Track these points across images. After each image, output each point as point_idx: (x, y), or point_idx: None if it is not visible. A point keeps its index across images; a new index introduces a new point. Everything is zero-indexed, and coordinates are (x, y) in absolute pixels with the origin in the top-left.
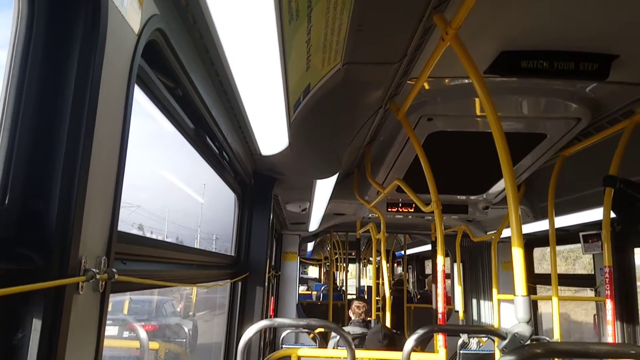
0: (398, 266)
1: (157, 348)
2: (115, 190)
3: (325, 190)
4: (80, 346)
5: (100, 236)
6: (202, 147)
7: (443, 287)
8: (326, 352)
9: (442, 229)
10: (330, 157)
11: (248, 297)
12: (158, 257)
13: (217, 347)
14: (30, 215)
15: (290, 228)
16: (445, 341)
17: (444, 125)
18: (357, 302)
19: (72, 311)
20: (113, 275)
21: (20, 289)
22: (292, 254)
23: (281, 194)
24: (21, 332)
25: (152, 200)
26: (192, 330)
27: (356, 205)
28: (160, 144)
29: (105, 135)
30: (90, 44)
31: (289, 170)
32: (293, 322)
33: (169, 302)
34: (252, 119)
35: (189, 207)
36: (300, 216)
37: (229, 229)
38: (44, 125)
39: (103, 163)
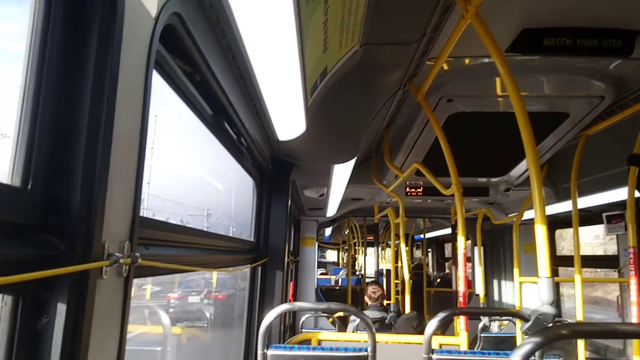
0: (417, 250)
1: (179, 333)
2: (136, 175)
3: (343, 175)
4: (104, 331)
5: (123, 221)
6: (220, 132)
7: (464, 270)
8: (346, 335)
9: (462, 212)
10: (348, 141)
11: (268, 282)
12: (179, 242)
13: (238, 332)
14: (53, 201)
15: (308, 214)
16: (467, 324)
17: (464, 106)
18: (372, 287)
19: (96, 296)
20: (136, 259)
21: (44, 274)
22: (310, 240)
23: (299, 180)
24: (46, 317)
25: (172, 188)
26: (213, 314)
27: (374, 190)
28: (178, 131)
29: (125, 121)
30: (108, 29)
31: (307, 155)
32: (313, 305)
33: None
34: (269, 104)
35: (207, 193)
36: (318, 202)
37: (248, 215)
38: (64, 111)
39: (124, 148)
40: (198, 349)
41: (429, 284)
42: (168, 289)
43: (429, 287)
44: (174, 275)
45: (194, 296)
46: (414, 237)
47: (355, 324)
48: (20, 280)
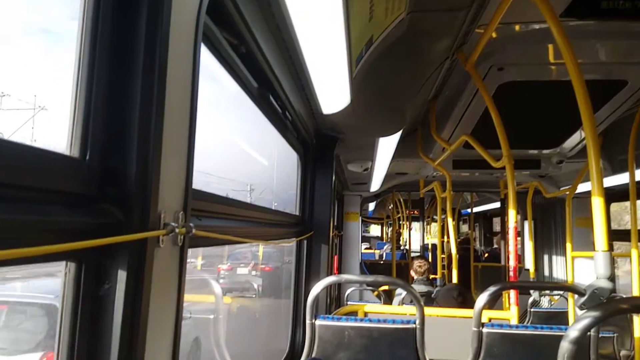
0: (464, 224)
1: (230, 302)
2: (188, 147)
3: (387, 148)
4: (162, 298)
5: (177, 192)
6: (265, 106)
7: (515, 244)
8: (392, 308)
9: (514, 185)
10: (394, 113)
11: (313, 255)
12: (229, 214)
13: (285, 302)
14: (110, 172)
15: (351, 189)
16: (517, 299)
17: (516, 75)
18: (418, 261)
19: (154, 264)
20: (190, 229)
21: (105, 242)
22: (354, 214)
23: (343, 154)
24: (107, 283)
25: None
26: (260, 286)
27: (419, 164)
28: (221, 105)
29: (176, 94)
30: (158, 2)
31: (351, 128)
32: (359, 278)
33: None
34: (314, 76)
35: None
36: (362, 176)
37: (290, 190)
38: (117, 86)
39: (175, 120)
40: (247, 318)
41: (476, 259)
42: (217, 261)
43: (476, 262)
44: (223, 247)
45: (242, 268)
46: (461, 211)
47: (401, 297)
48: (82, 247)
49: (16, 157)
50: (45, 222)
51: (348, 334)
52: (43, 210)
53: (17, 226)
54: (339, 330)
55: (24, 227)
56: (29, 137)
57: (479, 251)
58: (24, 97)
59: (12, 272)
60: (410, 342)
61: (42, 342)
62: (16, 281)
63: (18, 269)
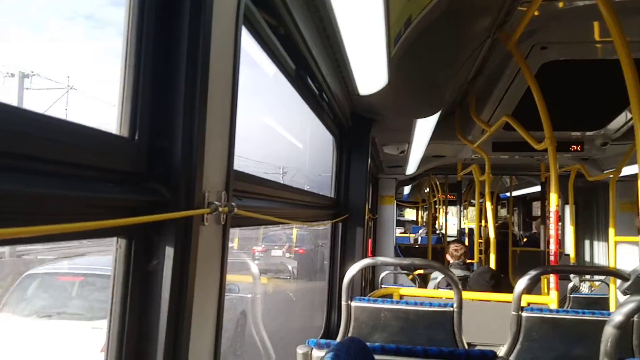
0: (502, 208)
1: (266, 283)
2: (229, 128)
3: (425, 130)
4: (206, 275)
5: (219, 172)
6: (303, 88)
7: (556, 229)
8: (428, 292)
9: (556, 168)
10: (432, 94)
11: (348, 238)
12: (268, 195)
13: (318, 284)
14: (158, 152)
15: (386, 172)
16: (557, 283)
17: (559, 54)
18: (455, 245)
19: (199, 241)
20: (233, 208)
21: (154, 218)
22: (389, 198)
23: (379, 136)
24: (155, 259)
25: (248, 145)
26: (295, 267)
27: (458, 146)
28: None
29: (218, 75)
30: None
31: (388, 109)
32: (396, 260)
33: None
34: (351, 56)
35: (282, 151)
36: (398, 159)
37: (322, 173)
38: (163, 67)
39: (218, 102)
40: (283, 298)
41: (515, 244)
42: (252, 244)
43: (514, 247)
44: (258, 230)
45: (276, 250)
46: (499, 195)
47: (437, 281)
48: (132, 223)
49: (73, 136)
50: (98, 199)
51: (384, 315)
52: (96, 188)
53: (72, 202)
54: (375, 311)
55: (79, 203)
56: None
57: (518, 236)
58: (59, 78)
59: (86, 248)
60: (448, 326)
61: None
62: (89, 255)
63: (92, 246)
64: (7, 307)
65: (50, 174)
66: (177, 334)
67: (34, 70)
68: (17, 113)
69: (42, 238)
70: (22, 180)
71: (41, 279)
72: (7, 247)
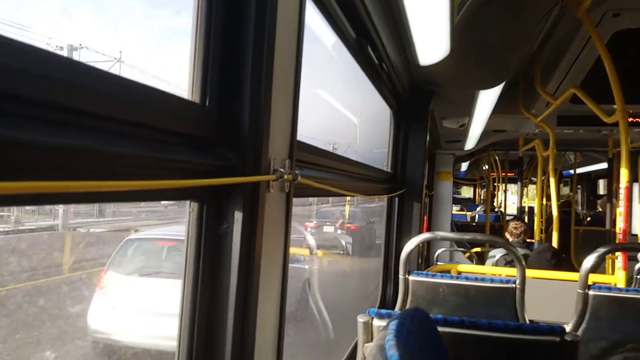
0: (564, 187)
1: (322, 255)
2: (293, 97)
3: (486, 103)
4: (272, 241)
5: (284, 140)
6: (362, 58)
7: (626, 205)
8: (488, 269)
9: (627, 143)
10: (496, 64)
11: (405, 213)
12: (327, 166)
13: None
14: (227, 118)
15: (444, 147)
16: (625, 263)
17: (633, 21)
18: (514, 223)
19: (266, 208)
20: (297, 177)
21: (224, 181)
22: (446, 174)
23: (438, 109)
24: (225, 223)
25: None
26: (348, 242)
27: (520, 120)
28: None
29: (284, 44)
30: None
31: (449, 81)
32: (456, 235)
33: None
34: (413, 25)
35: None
36: (457, 133)
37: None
38: (232, 35)
39: (283, 71)
40: (338, 271)
41: (578, 223)
42: (305, 219)
43: (577, 226)
44: (311, 206)
45: (328, 226)
46: (562, 172)
47: (495, 259)
48: (202, 184)
49: (150, 99)
50: (172, 161)
51: (443, 290)
52: (170, 150)
53: (148, 162)
54: (434, 286)
55: (154, 163)
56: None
57: (581, 215)
58: (109, 51)
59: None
60: (509, 302)
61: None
62: (177, 224)
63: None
64: (112, 267)
65: (127, 134)
66: (246, 296)
67: (82, 43)
68: (103, 76)
69: (120, 195)
70: (104, 140)
71: (138, 243)
72: (60, 220)
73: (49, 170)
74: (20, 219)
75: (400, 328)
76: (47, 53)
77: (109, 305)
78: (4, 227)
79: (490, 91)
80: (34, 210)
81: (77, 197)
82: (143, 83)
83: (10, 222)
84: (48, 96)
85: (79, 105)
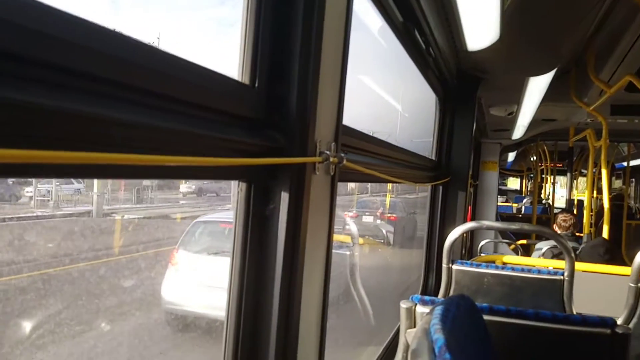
0: (617, 179)
1: (362, 243)
2: (340, 81)
3: (536, 90)
4: (317, 223)
5: (330, 124)
6: (409, 42)
7: None
8: (534, 261)
9: None
10: (548, 49)
11: (449, 201)
12: (371, 152)
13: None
14: (275, 100)
15: (490, 136)
16: None
17: None
18: (563, 215)
19: (311, 190)
20: (342, 159)
21: (272, 161)
22: (492, 164)
23: (485, 96)
24: (272, 203)
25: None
26: (389, 231)
27: (571, 109)
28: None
29: (332, 27)
30: None
31: (498, 67)
32: (502, 225)
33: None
34: (462, 8)
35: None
36: (504, 122)
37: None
38: (281, 18)
39: (330, 56)
40: (379, 258)
41: (630, 217)
42: (345, 209)
43: (629, 220)
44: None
45: (367, 216)
46: (614, 165)
47: (541, 252)
48: (252, 163)
49: (202, 79)
50: (222, 140)
51: (487, 280)
52: (220, 129)
53: (198, 139)
54: (478, 276)
55: (204, 141)
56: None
57: (634, 209)
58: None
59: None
60: (557, 295)
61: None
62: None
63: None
64: (182, 246)
65: (181, 112)
66: (291, 275)
67: (116, 28)
68: (160, 55)
69: (172, 171)
70: (159, 117)
71: (204, 225)
72: (94, 206)
73: (109, 143)
74: (59, 203)
75: (445, 313)
76: (117, 34)
77: (180, 279)
78: (42, 211)
79: (540, 78)
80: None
81: (130, 171)
82: (197, 63)
83: (49, 207)
84: (119, 77)
85: (141, 84)
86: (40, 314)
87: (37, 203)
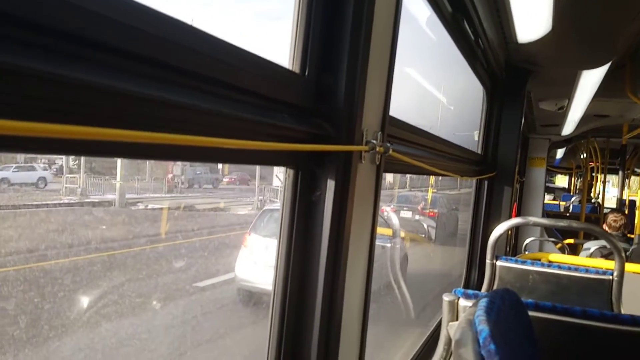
0: None
1: (404, 236)
2: (388, 72)
3: (589, 85)
4: (361, 212)
5: (377, 114)
6: (458, 33)
7: None
8: (582, 260)
9: None
10: (602, 42)
11: (494, 196)
12: (417, 143)
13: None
14: (324, 89)
15: (539, 131)
16: None
17: None
18: (614, 215)
19: (357, 178)
20: (388, 149)
21: (319, 148)
22: (539, 160)
23: (535, 90)
24: (318, 190)
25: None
26: (430, 226)
27: (625, 105)
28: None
29: (381, 19)
30: None
31: (549, 59)
32: (550, 221)
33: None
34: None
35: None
36: (554, 117)
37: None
38: (332, 9)
39: (379, 47)
40: (421, 252)
41: None
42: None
43: None
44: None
45: (405, 211)
46: None
47: (589, 252)
48: (300, 149)
49: (255, 66)
50: (271, 126)
51: (532, 278)
52: (270, 115)
53: (249, 124)
54: (523, 273)
55: (254, 127)
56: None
57: None
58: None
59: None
60: (604, 295)
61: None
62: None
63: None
64: (253, 230)
65: (233, 98)
66: (335, 262)
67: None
68: (216, 43)
69: (222, 154)
70: (214, 101)
71: (271, 213)
72: (117, 195)
73: (163, 125)
74: (86, 191)
75: (490, 305)
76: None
77: (251, 260)
78: (69, 198)
79: (593, 72)
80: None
81: (181, 153)
82: (250, 51)
83: (77, 194)
84: (182, 63)
85: (201, 71)
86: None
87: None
